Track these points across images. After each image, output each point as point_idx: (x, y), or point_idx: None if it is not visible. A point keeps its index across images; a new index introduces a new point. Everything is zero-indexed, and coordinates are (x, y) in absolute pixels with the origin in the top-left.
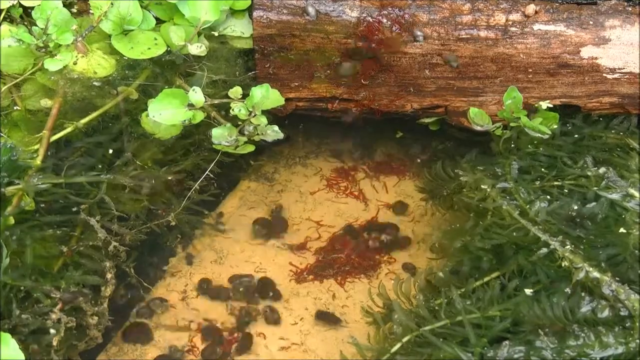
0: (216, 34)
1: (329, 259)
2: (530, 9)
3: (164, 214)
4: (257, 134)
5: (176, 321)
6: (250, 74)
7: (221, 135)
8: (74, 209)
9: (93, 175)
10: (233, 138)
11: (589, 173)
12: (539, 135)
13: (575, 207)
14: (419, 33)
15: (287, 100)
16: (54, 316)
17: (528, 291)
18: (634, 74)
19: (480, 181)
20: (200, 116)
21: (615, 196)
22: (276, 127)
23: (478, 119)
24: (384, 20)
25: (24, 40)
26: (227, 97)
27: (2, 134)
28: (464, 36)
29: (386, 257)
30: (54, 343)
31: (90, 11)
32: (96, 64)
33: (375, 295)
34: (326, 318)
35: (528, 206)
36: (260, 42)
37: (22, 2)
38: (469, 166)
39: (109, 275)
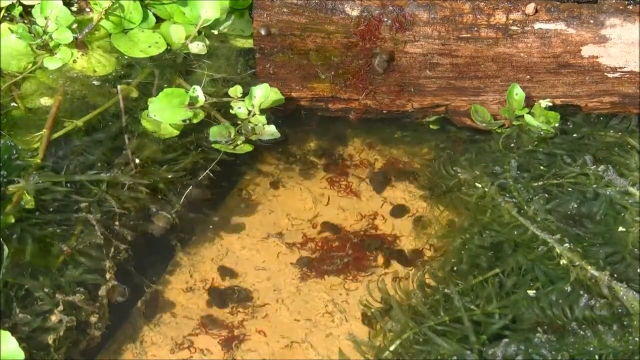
0: (216, 32)
1: (330, 257)
2: (531, 7)
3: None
4: (255, 134)
5: (176, 319)
6: (250, 71)
7: (219, 134)
8: (74, 208)
9: (93, 173)
10: (231, 137)
11: (589, 171)
12: (542, 133)
13: (575, 205)
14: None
15: (287, 99)
16: (54, 318)
17: (531, 292)
18: (635, 73)
19: (478, 179)
20: (200, 115)
21: (614, 194)
22: (273, 127)
23: (480, 115)
24: (385, 19)
25: (24, 38)
26: (227, 96)
27: (2, 133)
28: (464, 35)
29: (387, 255)
30: (50, 342)
31: (87, 9)
32: (96, 63)
33: (373, 292)
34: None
35: (526, 204)
36: (260, 41)
37: (22, 1)
38: (468, 164)
39: (108, 275)
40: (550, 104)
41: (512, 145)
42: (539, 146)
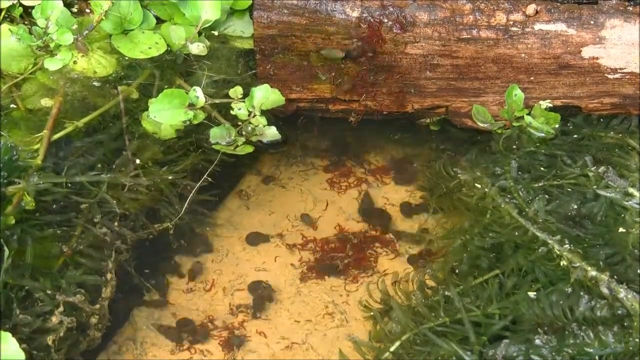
0: (216, 33)
1: (330, 258)
2: (531, 8)
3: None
4: (255, 135)
5: (177, 320)
6: (250, 72)
7: (219, 135)
8: (75, 209)
9: (93, 174)
10: (231, 138)
11: (589, 172)
12: (543, 134)
13: (575, 206)
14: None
15: (288, 100)
16: (54, 319)
17: (531, 293)
18: (635, 74)
19: (478, 180)
20: (201, 116)
21: (614, 195)
22: (274, 128)
23: (482, 116)
24: (385, 20)
25: (24, 39)
26: (228, 97)
27: (2, 134)
28: (465, 36)
29: (387, 255)
30: (49, 342)
31: (87, 10)
32: (96, 64)
33: (373, 292)
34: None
35: (527, 205)
36: (261, 42)
37: (22, 2)
38: (468, 165)
39: (109, 275)
40: (551, 105)
41: (513, 146)
42: (540, 147)
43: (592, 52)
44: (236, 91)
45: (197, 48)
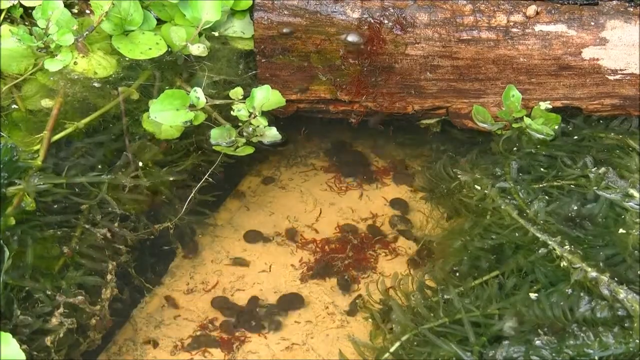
0: (217, 34)
1: (330, 258)
2: (532, 9)
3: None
4: (256, 135)
5: (177, 321)
6: (250, 73)
7: (220, 136)
8: (75, 209)
9: (94, 175)
10: (232, 139)
11: (589, 173)
12: (543, 136)
13: (575, 207)
14: None
15: (288, 101)
16: (54, 319)
17: (533, 295)
18: (635, 75)
19: (478, 181)
20: (201, 117)
21: (614, 196)
22: (275, 129)
23: (482, 116)
24: (385, 21)
25: (25, 40)
26: (228, 98)
27: (2, 134)
28: (465, 37)
29: (387, 256)
30: (49, 343)
31: (88, 11)
32: (97, 64)
33: (373, 293)
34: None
35: (527, 206)
36: (261, 43)
37: (22, 3)
38: (468, 166)
39: (109, 276)
40: (550, 106)
41: (513, 147)
42: (540, 148)
43: (593, 53)
44: (237, 92)
45: (198, 49)
